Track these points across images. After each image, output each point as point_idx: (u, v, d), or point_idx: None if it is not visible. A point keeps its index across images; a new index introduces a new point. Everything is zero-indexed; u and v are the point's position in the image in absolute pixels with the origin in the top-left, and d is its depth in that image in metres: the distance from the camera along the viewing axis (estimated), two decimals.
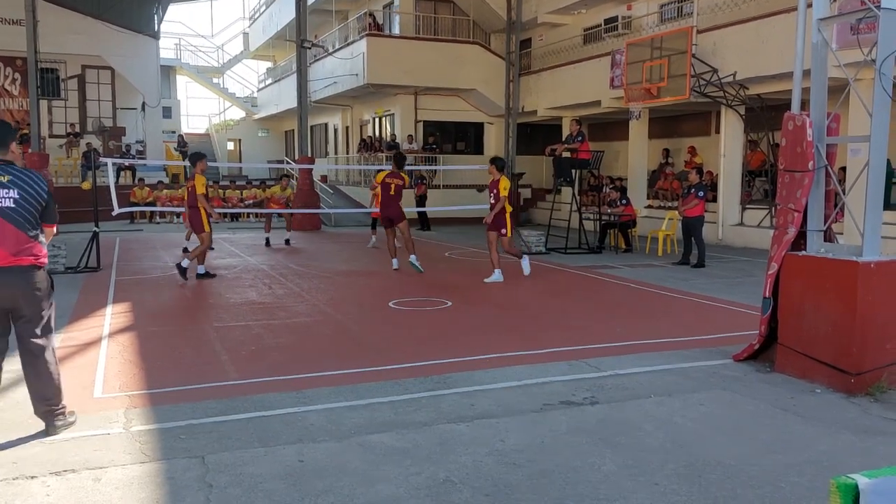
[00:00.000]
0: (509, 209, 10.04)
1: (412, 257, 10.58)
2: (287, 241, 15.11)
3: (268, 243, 14.90)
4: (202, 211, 9.98)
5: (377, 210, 14.76)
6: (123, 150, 26.06)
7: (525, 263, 10.39)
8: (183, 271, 9.83)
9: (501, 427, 4.28)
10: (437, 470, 3.66)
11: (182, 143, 28.87)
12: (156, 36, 27.47)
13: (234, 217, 21.72)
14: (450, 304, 8.36)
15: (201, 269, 10.19)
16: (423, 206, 18.89)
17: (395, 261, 11.11)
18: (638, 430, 4.23)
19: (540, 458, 3.82)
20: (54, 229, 4.27)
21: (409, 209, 19.33)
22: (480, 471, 3.66)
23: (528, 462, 3.76)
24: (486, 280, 9.85)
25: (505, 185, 9.89)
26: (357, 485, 3.49)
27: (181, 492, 3.41)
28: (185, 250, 14.27)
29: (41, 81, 19.05)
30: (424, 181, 20.13)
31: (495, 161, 10.24)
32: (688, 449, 3.95)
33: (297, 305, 8.28)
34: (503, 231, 9.98)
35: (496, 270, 9.92)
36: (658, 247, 13.74)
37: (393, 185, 10.74)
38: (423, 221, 19.47)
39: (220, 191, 23.81)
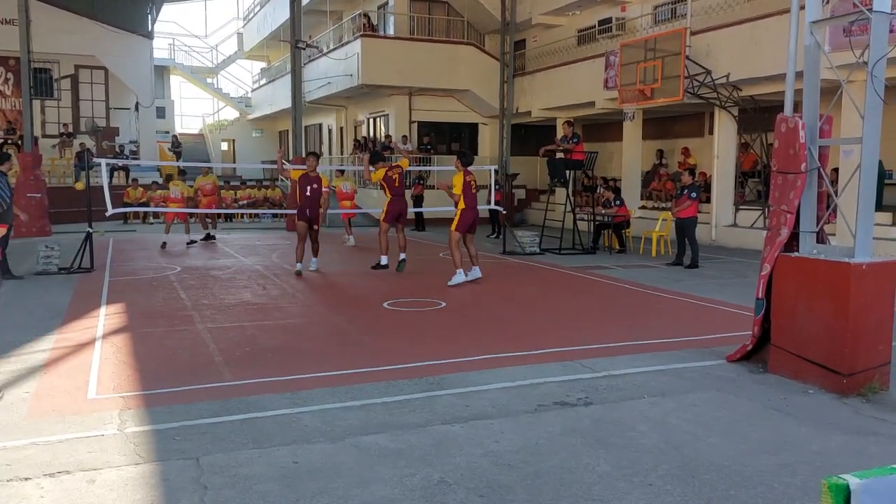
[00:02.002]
0: (461, 206, 9.74)
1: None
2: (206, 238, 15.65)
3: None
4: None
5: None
6: (117, 150, 25.94)
7: (456, 278, 9.64)
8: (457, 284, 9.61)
9: (496, 428, 4.29)
10: (432, 471, 3.67)
11: (176, 144, 28.78)
12: (149, 36, 27.37)
13: (228, 217, 21.67)
14: (444, 304, 8.37)
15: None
16: (420, 206, 18.91)
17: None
18: (632, 431, 4.25)
19: (534, 459, 3.83)
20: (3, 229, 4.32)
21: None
22: (475, 472, 3.66)
23: (523, 463, 3.77)
24: (448, 283, 9.59)
25: (458, 181, 9.77)
26: (351, 486, 3.50)
27: (176, 493, 3.41)
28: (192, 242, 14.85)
29: (34, 81, 18.96)
30: (422, 182, 20.12)
31: (462, 156, 10.06)
32: (681, 449, 3.97)
33: (291, 306, 8.28)
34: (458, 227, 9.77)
35: (458, 271, 9.65)
36: (652, 247, 13.78)
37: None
38: (418, 222, 19.47)
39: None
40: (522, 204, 23.12)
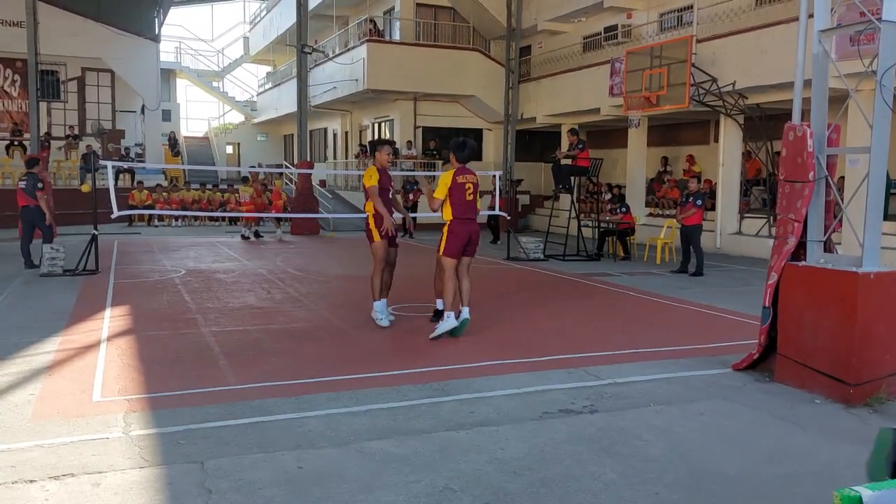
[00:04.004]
0: (447, 217, 6.89)
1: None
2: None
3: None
4: None
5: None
6: (122, 152, 26.04)
7: (443, 325, 6.73)
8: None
9: (501, 435, 4.27)
10: (437, 478, 3.66)
11: (173, 143, 28.76)
12: (156, 39, 27.49)
13: (233, 220, 21.72)
14: None
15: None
16: (415, 212, 18.83)
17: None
18: (637, 440, 4.23)
19: (540, 466, 3.82)
20: None
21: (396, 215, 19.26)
22: (480, 479, 3.65)
23: (528, 470, 3.76)
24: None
25: (443, 180, 6.86)
26: (356, 492, 3.48)
27: (180, 497, 3.40)
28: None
29: (41, 83, 19.06)
30: (417, 187, 20.02)
31: (457, 148, 7.00)
32: (687, 458, 3.95)
33: (295, 310, 8.27)
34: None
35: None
36: (656, 255, 13.75)
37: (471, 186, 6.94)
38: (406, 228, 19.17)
39: (220, 194, 23.81)
40: (526, 210, 23.13)
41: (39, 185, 11.16)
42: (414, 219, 18.61)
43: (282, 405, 4.77)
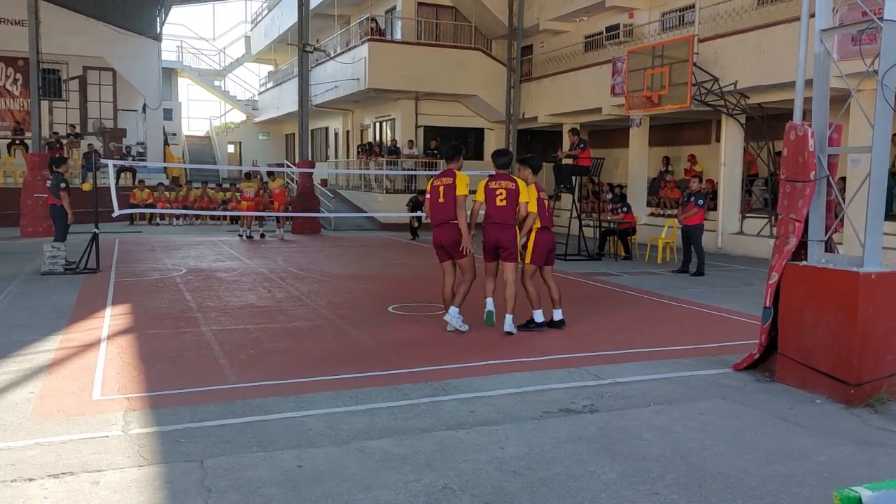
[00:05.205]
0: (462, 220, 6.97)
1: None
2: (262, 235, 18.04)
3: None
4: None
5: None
6: (124, 151, 26.06)
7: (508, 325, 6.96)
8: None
9: (501, 434, 4.27)
10: (437, 477, 3.65)
11: (164, 138, 28.76)
12: (158, 38, 27.50)
13: (234, 220, 21.73)
14: None
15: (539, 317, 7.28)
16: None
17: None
18: (638, 439, 4.22)
19: (539, 466, 3.81)
20: None
21: (404, 214, 19.26)
22: (480, 478, 3.65)
23: (528, 470, 3.75)
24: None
25: (479, 187, 7.15)
26: (356, 491, 3.48)
27: (180, 496, 3.40)
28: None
29: (42, 82, 19.04)
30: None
31: (495, 156, 7.37)
32: (688, 458, 3.94)
33: (296, 309, 8.27)
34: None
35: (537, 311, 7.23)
36: (657, 254, 13.74)
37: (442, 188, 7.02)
38: (414, 230, 19.11)
39: (222, 193, 23.82)
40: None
41: (62, 185, 11.26)
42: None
43: (282, 404, 4.77)
